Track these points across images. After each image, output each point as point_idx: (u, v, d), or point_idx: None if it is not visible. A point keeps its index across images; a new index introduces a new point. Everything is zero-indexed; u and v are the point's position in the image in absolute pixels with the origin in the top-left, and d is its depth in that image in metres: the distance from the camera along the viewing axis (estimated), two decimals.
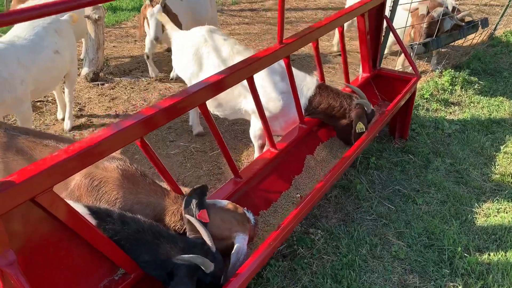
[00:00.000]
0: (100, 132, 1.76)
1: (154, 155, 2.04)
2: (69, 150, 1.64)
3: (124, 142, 1.82)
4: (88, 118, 4.60)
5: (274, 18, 8.01)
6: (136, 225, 1.87)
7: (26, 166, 1.54)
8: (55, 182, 1.58)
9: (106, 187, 2.07)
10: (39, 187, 1.53)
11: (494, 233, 3.27)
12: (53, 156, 1.60)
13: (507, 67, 6.14)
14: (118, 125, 1.82)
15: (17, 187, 1.46)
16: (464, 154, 4.21)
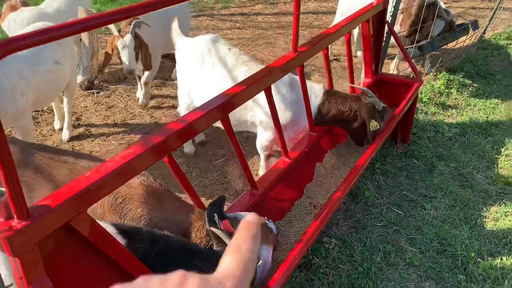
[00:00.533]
0: (130, 150, 1.69)
1: (181, 171, 1.98)
2: (101, 170, 1.57)
3: (154, 159, 1.76)
4: (86, 128, 4.49)
5: (265, 22, 8.00)
6: (166, 242, 1.81)
7: (60, 189, 1.47)
8: (89, 205, 1.52)
9: (130, 204, 2.00)
10: (74, 211, 1.46)
11: (504, 237, 3.29)
12: (86, 177, 1.53)
13: (498, 69, 6.23)
14: (147, 141, 1.75)
15: (54, 212, 1.39)
16: (467, 157, 4.25)
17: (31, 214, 1.35)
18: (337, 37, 3.20)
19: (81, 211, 1.48)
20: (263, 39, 7.11)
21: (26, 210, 1.34)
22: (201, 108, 2.04)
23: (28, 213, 1.35)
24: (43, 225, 1.37)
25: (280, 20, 8.12)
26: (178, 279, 0.44)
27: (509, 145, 4.45)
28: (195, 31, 7.34)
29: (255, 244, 0.53)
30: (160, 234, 1.85)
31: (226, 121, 2.16)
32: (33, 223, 1.34)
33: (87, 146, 4.20)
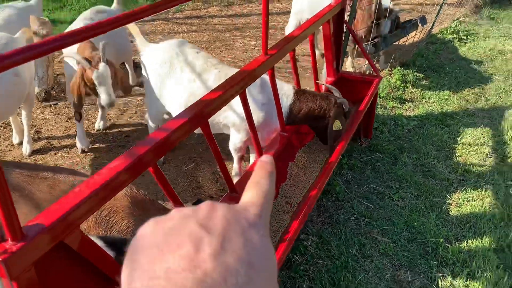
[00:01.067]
0: (116, 162, 1.67)
1: (166, 180, 1.97)
2: (91, 184, 1.54)
3: (141, 169, 1.75)
4: (47, 141, 4.33)
5: (221, 24, 8.00)
6: None
7: (51, 206, 1.43)
8: (82, 220, 1.49)
9: (116, 216, 1.97)
10: (68, 228, 1.42)
11: (468, 221, 3.49)
12: (76, 192, 1.50)
13: (447, 62, 6.57)
14: (132, 153, 1.73)
15: (48, 230, 1.36)
16: (427, 148, 4.46)
17: (26, 234, 1.31)
18: (303, 38, 3.28)
19: (74, 228, 1.45)
20: (221, 42, 7.12)
21: (20, 231, 1.30)
22: (181, 115, 2.04)
23: (23, 234, 1.31)
24: (39, 245, 1.33)
25: (236, 23, 8.15)
26: (207, 207, 0.51)
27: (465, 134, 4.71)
28: (150, 36, 7.24)
29: (272, 180, 0.59)
30: None
31: (207, 128, 2.17)
32: (28, 243, 1.30)
33: (50, 160, 4.06)
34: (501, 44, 7.22)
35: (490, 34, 7.70)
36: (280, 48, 2.88)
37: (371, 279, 3.00)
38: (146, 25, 7.70)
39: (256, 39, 7.34)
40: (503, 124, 4.86)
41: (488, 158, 4.31)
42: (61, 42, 1.48)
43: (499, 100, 5.46)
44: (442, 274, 3.03)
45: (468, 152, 4.40)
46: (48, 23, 4.88)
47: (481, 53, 6.91)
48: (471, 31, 7.70)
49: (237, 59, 6.52)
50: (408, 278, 3.02)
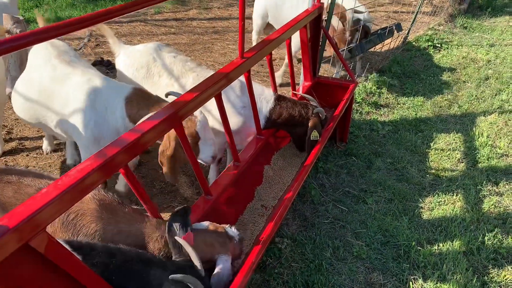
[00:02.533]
0: (86, 163, 1.64)
1: (137, 182, 1.95)
2: (59, 185, 1.52)
3: (111, 171, 1.72)
4: (19, 142, 4.24)
5: (201, 27, 7.98)
6: (123, 255, 1.77)
7: (16, 208, 1.40)
8: (48, 222, 1.46)
9: (83, 220, 1.94)
10: (33, 230, 1.39)
11: (439, 225, 3.56)
12: (43, 194, 1.47)
13: (422, 69, 6.70)
14: (102, 154, 1.71)
15: (11, 233, 1.32)
16: (400, 153, 4.53)
17: None
18: (280, 42, 3.30)
19: (39, 230, 1.42)
20: (200, 44, 7.10)
21: None
22: (154, 117, 2.02)
23: None
24: (2, 247, 1.30)
25: (215, 25, 8.14)
26: None
27: (437, 139, 4.81)
28: (128, 37, 7.17)
29: None
30: (115, 248, 1.81)
31: (180, 129, 2.16)
32: None
33: (21, 161, 3.97)
34: (473, 52, 7.41)
35: (463, 42, 7.90)
36: (257, 51, 2.89)
37: (344, 282, 3.02)
38: (124, 26, 7.62)
39: (235, 42, 7.35)
40: (475, 130, 4.98)
41: (460, 163, 4.41)
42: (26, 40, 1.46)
43: (471, 106, 5.60)
44: (414, 277, 3.07)
45: (441, 157, 4.49)
46: (22, 22, 4.77)
47: (454, 60, 7.08)
48: (445, 39, 7.88)
49: (215, 62, 6.51)
50: (380, 281, 3.06)
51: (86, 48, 6.62)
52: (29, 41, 1.48)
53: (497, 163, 4.38)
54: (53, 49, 3.17)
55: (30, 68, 3.21)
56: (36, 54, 3.22)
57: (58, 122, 2.95)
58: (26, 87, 3.09)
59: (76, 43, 6.70)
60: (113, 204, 2.04)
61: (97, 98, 2.79)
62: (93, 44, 6.73)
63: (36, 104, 3.00)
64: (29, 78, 3.12)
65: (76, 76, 2.92)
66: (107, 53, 6.40)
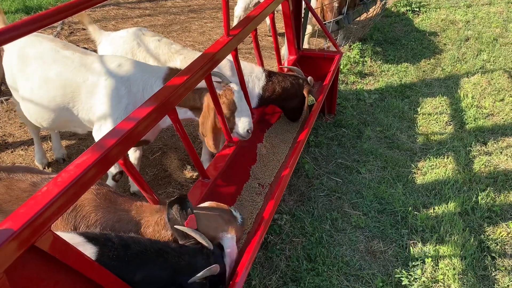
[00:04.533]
0: (84, 157, 1.59)
1: (136, 171, 1.90)
2: (59, 182, 1.47)
3: (110, 163, 1.68)
4: (2, 139, 4.12)
5: (176, 7, 7.79)
6: (138, 245, 1.75)
7: (18, 208, 1.35)
8: (53, 221, 1.41)
9: (82, 211, 1.90)
10: (39, 230, 1.35)
11: (433, 188, 3.61)
12: (44, 192, 1.42)
13: (403, 34, 6.69)
14: (100, 146, 1.66)
15: (17, 235, 1.28)
16: (389, 120, 4.55)
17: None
18: (264, 17, 3.23)
19: (44, 230, 1.38)
20: (177, 25, 6.94)
21: None
22: (148, 103, 1.96)
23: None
24: (8, 252, 1.26)
25: (190, 4, 7.95)
26: None
27: (424, 104, 4.84)
28: (102, 22, 6.96)
29: None
30: (129, 238, 1.78)
31: (174, 114, 2.11)
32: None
33: (7, 159, 3.86)
34: (452, 14, 7.42)
35: (441, 5, 7.89)
36: (242, 28, 2.83)
37: (346, 252, 3.06)
38: (97, 11, 7.39)
39: (212, 20, 7.21)
40: (459, 92, 5.02)
41: (448, 126, 4.45)
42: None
43: (454, 69, 5.63)
44: (413, 241, 3.13)
45: (429, 121, 4.53)
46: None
47: (433, 24, 7.08)
48: (423, 3, 7.86)
49: (195, 42, 6.39)
50: (381, 248, 3.10)
51: (59, 36, 6.41)
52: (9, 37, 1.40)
53: (484, 123, 4.44)
54: (55, 42, 2.96)
55: (33, 70, 2.90)
56: (33, 54, 2.93)
57: (86, 113, 2.81)
58: (42, 90, 2.84)
59: (48, 31, 6.48)
60: (109, 194, 2.00)
61: (132, 82, 2.70)
62: (66, 32, 6.52)
63: (60, 102, 2.82)
64: (42, 78, 2.85)
65: (102, 62, 2.78)
66: (83, 41, 6.21)
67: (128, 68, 2.74)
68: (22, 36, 1.45)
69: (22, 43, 2.97)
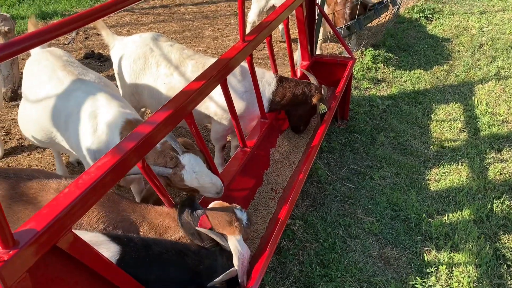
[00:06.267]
0: (105, 159, 1.62)
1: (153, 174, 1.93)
2: (80, 184, 1.49)
3: (129, 166, 1.70)
4: (18, 141, 4.18)
5: (189, 13, 7.86)
6: (159, 247, 1.77)
7: (41, 209, 1.38)
8: (74, 222, 1.44)
9: None
10: (60, 231, 1.38)
11: (447, 195, 3.58)
12: (66, 193, 1.45)
13: (416, 41, 6.67)
14: (120, 149, 1.69)
15: (40, 236, 1.31)
16: (402, 126, 4.53)
17: (17, 241, 1.26)
18: (278, 23, 3.25)
19: (66, 230, 1.40)
20: (191, 31, 7.00)
21: (12, 238, 1.24)
22: (165, 108, 1.99)
23: (14, 241, 1.25)
24: (31, 252, 1.29)
25: (204, 10, 8.02)
26: None
27: (437, 110, 4.82)
28: (117, 28, 7.05)
29: None
30: (150, 239, 1.81)
31: (191, 118, 2.13)
32: (21, 251, 1.25)
33: (23, 161, 3.92)
34: (465, 21, 7.38)
35: (454, 11, 7.86)
36: (257, 34, 2.85)
37: (359, 258, 3.05)
38: (111, 17, 7.48)
39: (225, 26, 7.26)
40: (474, 99, 4.99)
41: (462, 133, 4.42)
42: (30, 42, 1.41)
43: (468, 75, 5.60)
44: (427, 248, 3.10)
45: (442, 128, 4.51)
46: (9, 19, 4.67)
47: (447, 30, 7.05)
48: (436, 9, 7.84)
49: (208, 48, 6.44)
50: (394, 254, 3.09)
51: (75, 42, 6.51)
52: (26, 46, 1.43)
53: (498, 130, 4.40)
54: (57, 60, 2.95)
55: (33, 84, 2.94)
56: (38, 68, 2.99)
57: (66, 141, 2.76)
58: (33, 107, 2.86)
59: (64, 37, 6.58)
60: (113, 195, 2.04)
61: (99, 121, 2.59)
62: (82, 38, 6.62)
63: (44, 124, 2.81)
64: (35, 95, 2.87)
65: (80, 91, 2.71)
66: (97, 46, 6.30)
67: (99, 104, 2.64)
68: (39, 44, 1.47)
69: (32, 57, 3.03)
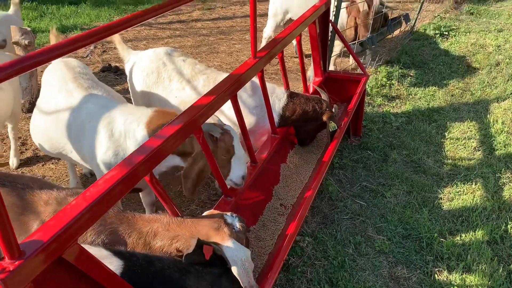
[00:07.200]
0: (113, 172, 1.64)
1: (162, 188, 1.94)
2: (87, 197, 1.51)
3: (136, 179, 1.72)
4: (34, 152, 4.26)
5: (205, 28, 7.98)
6: (161, 263, 1.77)
7: (48, 220, 1.40)
8: (80, 234, 1.46)
9: None
10: (66, 242, 1.39)
11: (460, 215, 3.52)
12: (73, 205, 1.47)
13: (431, 58, 6.64)
14: (128, 162, 1.71)
15: (46, 247, 1.32)
16: (416, 144, 4.49)
17: (23, 252, 1.28)
18: (291, 39, 3.28)
19: (72, 242, 1.42)
20: (206, 46, 7.09)
21: (18, 249, 1.26)
22: (176, 122, 2.01)
23: (20, 252, 1.27)
24: (37, 262, 1.30)
25: (219, 26, 8.13)
26: None
27: (452, 128, 4.76)
28: (134, 42, 7.19)
29: None
30: (153, 255, 1.81)
31: (200, 133, 2.15)
32: (26, 261, 1.27)
33: (38, 172, 3.99)
34: (482, 38, 7.33)
35: (471, 29, 7.81)
36: (269, 50, 2.88)
37: (369, 277, 3.01)
38: (129, 32, 7.63)
39: (240, 42, 7.34)
40: (489, 117, 4.93)
41: (476, 152, 4.36)
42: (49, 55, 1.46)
43: (484, 93, 5.54)
44: (438, 269, 3.05)
45: (456, 146, 4.45)
46: (30, 33, 4.81)
47: (463, 48, 7.01)
48: (452, 27, 7.81)
49: (222, 63, 6.50)
50: (405, 274, 3.03)
51: (93, 55, 6.64)
52: (44, 59, 1.47)
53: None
54: (69, 72, 2.99)
55: (47, 95, 3.02)
56: (51, 78, 3.06)
57: (77, 152, 2.78)
58: (43, 117, 2.92)
59: (82, 50, 6.72)
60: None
61: (114, 128, 2.61)
62: (99, 51, 6.75)
63: (54, 135, 2.86)
64: (46, 105, 2.94)
65: (91, 103, 2.75)
66: (114, 60, 6.41)
67: (112, 111, 2.66)
68: (58, 57, 1.51)
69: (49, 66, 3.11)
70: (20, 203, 2.00)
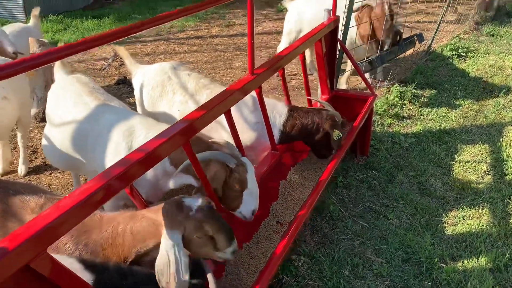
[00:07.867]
0: (90, 183, 1.66)
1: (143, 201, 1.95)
2: (61, 206, 1.53)
3: (115, 191, 1.73)
4: (43, 160, 4.35)
5: (222, 44, 8.08)
6: (134, 277, 1.77)
7: (18, 229, 1.42)
8: (49, 244, 1.47)
9: None
10: (33, 251, 1.41)
11: (464, 240, 3.42)
12: (45, 214, 1.49)
13: (446, 79, 6.54)
14: (107, 174, 1.73)
15: (11, 255, 1.34)
16: (424, 165, 4.41)
17: None
18: (292, 57, 3.29)
19: (41, 251, 1.44)
20: (221, 62, 7.17)
21: None
22: (162, 134, 2.03)
23: None
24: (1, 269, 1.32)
25: (236, 42, 8.22)
26: None
27: (462, 151, 4.66)
28: (151, 56, 7.33)
29: None
30: (126, 268, 1.81)
31: (188, 147, 2.16)
32: None
33: (44, 180, 4.07)
34: (501, 60, 7.19)
35: (490, 50, 7.68)
36: (267, 67, 2.89)
37: None
38: (148, 46, 7.80)
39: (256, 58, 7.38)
40: (502, 141, 4.80)
41: (486, 176, 4.25)
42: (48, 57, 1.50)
43: (498, 116, 5.41)
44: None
45: (466, 169, 4.34)
46: (47, 45, 4.95)
47: (480, 69, 6.89)
48: (471, 48, 7.69)
49: (236, 78, 6.56)
50: None
51: (110, 67, 6.80)
52: (51, 58, 1.52)
53: None
54: (83, 86, 3.06)
55: (60, 110, 3.06)
56: (63, 93, 3.11)
57: (91, 163, 2.81)
58: (58, 130, 2.98)
59: (101, 63, 6.90)
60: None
61: (134, 140, 2.63)
62: (117, 64, 6.91)
63: (69, 147, 2.90)
64: (61, 118, 2.98)
65: (109, 113, 2.81)
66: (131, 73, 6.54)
67: (132, 122, 2.69)
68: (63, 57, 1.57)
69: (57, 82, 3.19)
70: (8, 209, 2.04)
